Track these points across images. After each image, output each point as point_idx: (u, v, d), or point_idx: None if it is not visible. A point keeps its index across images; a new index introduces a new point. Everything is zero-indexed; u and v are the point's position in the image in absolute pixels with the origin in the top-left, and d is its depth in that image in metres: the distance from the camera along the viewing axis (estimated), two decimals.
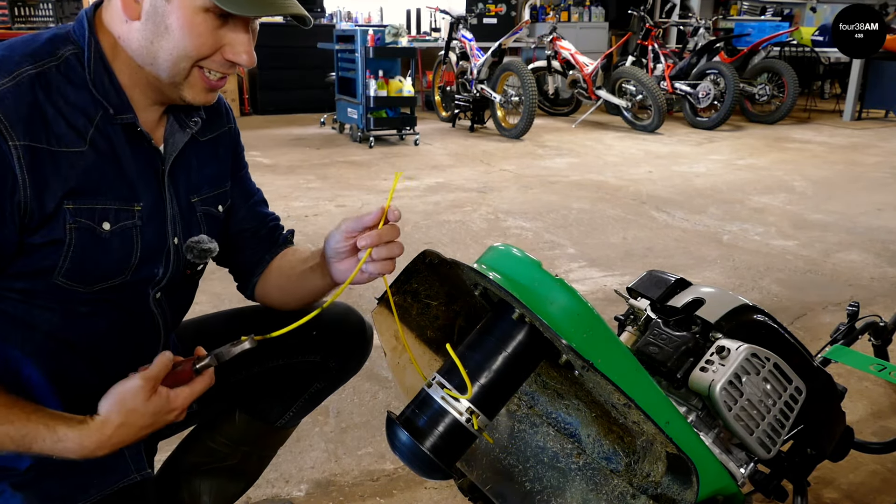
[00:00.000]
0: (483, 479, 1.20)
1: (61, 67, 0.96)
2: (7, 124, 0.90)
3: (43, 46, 0.97)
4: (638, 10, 7.96)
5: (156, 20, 0.96)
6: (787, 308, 2.90)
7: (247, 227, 1.28)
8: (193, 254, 1.14)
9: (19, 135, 0.90)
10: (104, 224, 0.99)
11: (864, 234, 3.97)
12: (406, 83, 6.48)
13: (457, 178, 5.22)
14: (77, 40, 0.99)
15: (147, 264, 1.07)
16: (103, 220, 0.99)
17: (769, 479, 1.18)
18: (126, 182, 1.02)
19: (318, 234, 3.79)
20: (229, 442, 1.40)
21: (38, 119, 0.93)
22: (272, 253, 1.29)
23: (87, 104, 0.98)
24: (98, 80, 0.99)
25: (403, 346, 1.13)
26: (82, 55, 0.98)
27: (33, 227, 0.94)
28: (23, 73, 0.93)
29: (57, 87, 0.95)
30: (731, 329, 1.19)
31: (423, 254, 1.02)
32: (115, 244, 1.01)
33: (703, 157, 6.12)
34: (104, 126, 0.99)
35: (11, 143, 0.90)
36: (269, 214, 1.32)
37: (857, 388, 2.23)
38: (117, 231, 1.01)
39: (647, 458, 1.01)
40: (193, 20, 0.95)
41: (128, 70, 1.01)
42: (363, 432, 2.00)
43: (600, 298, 2.98)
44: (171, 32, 0.96)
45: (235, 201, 1.25)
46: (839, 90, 10.37)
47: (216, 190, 1.19)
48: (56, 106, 0.95)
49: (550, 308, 0.90)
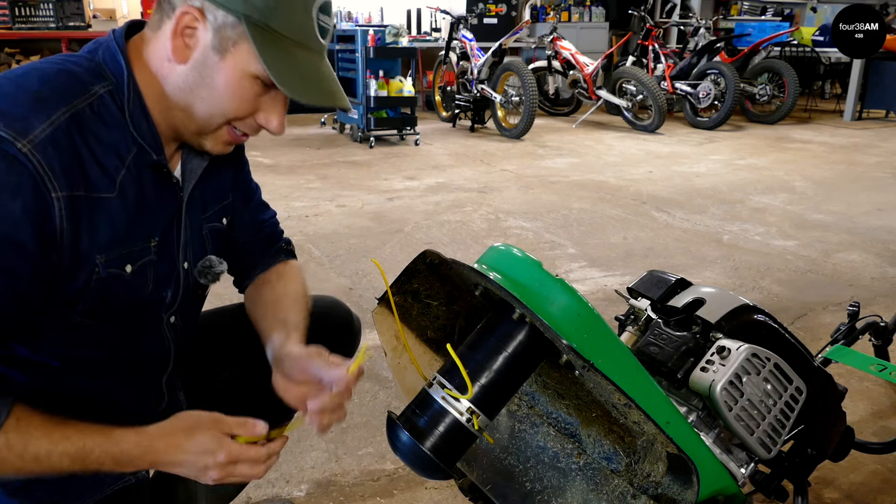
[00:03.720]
0: (483, 479, 1.20)
1: (94, 106, 0.92)
2: (50, 175, 0.85)
3: (75, 83, 0.92)
4: (638, 10, 7.96)
5: (203, 71, 0.93)
6: (787, 308, 2.90)
7: (245, 233, 1.26)
8: (207, 278, 1.13)
9: (62, 185, 0.86)
10: (127, 267, 0.97)
11: (864, 234, 3.97)
12: (406, 83, 6.48)
13: (457, 178, 5.22)
14: (110, 75, 0.94)
15: (157, 290, 1.05)
16: (126, 263, 0.97)
17: (770, 480, 1.18)
18: (149, 221, 1.00)
19: (318, 234, 3.79)
20: None
21: (76, 165, 0.88)
22: (265, 263, 1.28)
23: (120, 144, 0.94)
24: (136, 121, 0.95)
25: (404, 346, 1.13)
26: (117, 92, 0.94)
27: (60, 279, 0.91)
28: (60, 118, 0.87)
29: (91, 128, 0.91)
30: (732, 329, 1.19)
31: (423, 254, 1.02)
32: (133, 281, 0.99)
33: (703, 158, 6.12)
34: (135, 166, 0.95)
35: (55, 194, 0.85)
36: (268, 217, 1.31)
37: (858, 388, 2.23)
38: (137, 270, 0.99)
39: (648, 458, 1.01)
40: (241, 83, 0.93)
41: (158, 107, 0.97)
42: (364, 432, 2.00)
43: (601, 298, 2.98)
44: (215, 88, 0.93)
45: (236, 205, 1.24)
46: (840, 90, 10.36)
47: (220, 203, 1.18)
48: (90, 148, 0.90)
49: (551, 308, 0.90)
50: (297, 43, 0.93)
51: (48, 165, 0.85)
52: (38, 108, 0.86)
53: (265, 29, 0.90)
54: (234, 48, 0.91)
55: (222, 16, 0.89)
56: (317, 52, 0.96)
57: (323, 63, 0.98)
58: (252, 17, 0.89)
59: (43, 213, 0.85)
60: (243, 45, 0.90)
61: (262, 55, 0.89)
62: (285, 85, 0.91)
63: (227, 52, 0.91)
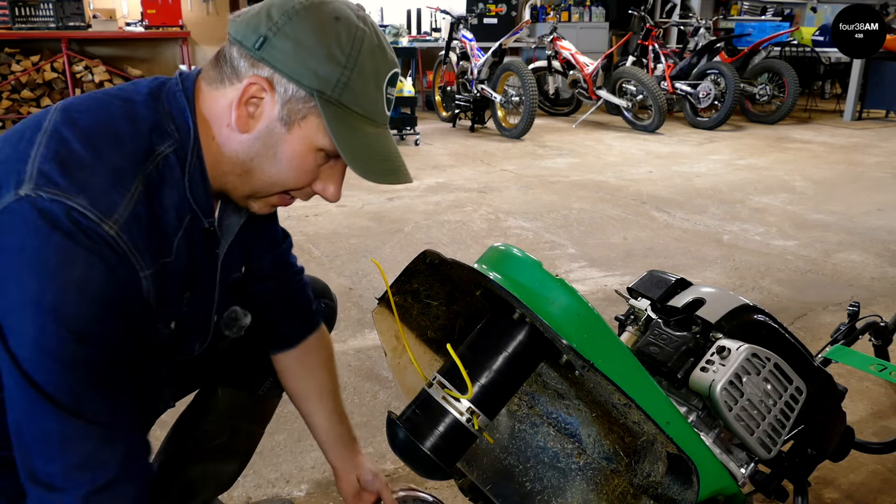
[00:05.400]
0: (483, 479, 1.20)
1: (160, 167, 0.87)
2: (138, 255, 0.82)
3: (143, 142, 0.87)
4: (638, 10, 7.96)
5: (267, 142, 0.89)
6: (787, 308, 2.90)
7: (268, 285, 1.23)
8: (232, 330, 1.13)
9: (147, 263, 0.84)
10: (172, 324, 0.96)
11: (864, 234, 3.97)
12: (406, 83, 6.49)
13: (457, 178, 5.22)
14: (175, 132, 0.89)
15: (189, 342, 1.05)
16: (173, 320, 0.96)
17: (770, 480, 1.18)
18: (192, 279, 0.98)
19: (318, 234, 3.79)
20: (216, 419, 1.39)
21: (154, 237, 0.86)
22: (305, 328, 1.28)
23: (180, 207, 0.90)
24: (194, 186, 0.91)
25: (404, 346, 1.13)
26: (181, 152, 0.89)
27: None
28: (137, 189, 0.84)
29: (157, 193, 0.87)
30: (732, 329, 1.19)
31: (423, 254, 1.02)
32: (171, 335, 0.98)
33: (703, 158, 6.12)
34: (189, 229, 0.93)
35: (142, 273, 0.84)
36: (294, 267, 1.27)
37: (858, 388, 2.23)
38: (178, 325, 0.98)
39: (648, 458, 1.01)
40: (305, 157, 0.90)
41: (213, 169, 0.93)
42: (363, 432, 2.00)
43: (601, 298, 2.98)
44: (278, 160, 0.90)
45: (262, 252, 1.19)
46: (840, 90, 10.36)
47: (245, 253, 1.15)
48: (156, 214, 0.87)
49: (551, 308, 0.90)
50: (366, 119, 0.90)
51: (135, 246, 0.82)
52: (118, 181, 0.82)
53: (336, 105, 0.87)
54: (303, 122, 0.88)
55: (294, 89, 0.86)
56: (383, 126, 0.93)
57: (389, 139, 0.95)
58: (325, 94, 0.86)
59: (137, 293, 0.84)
60: (312, 120, 0.88)
61: (333, 131, 0.86)
62: (355, 162, 0.88)
63: (294, 125, 0.88)
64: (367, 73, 0.88)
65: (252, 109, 0.88)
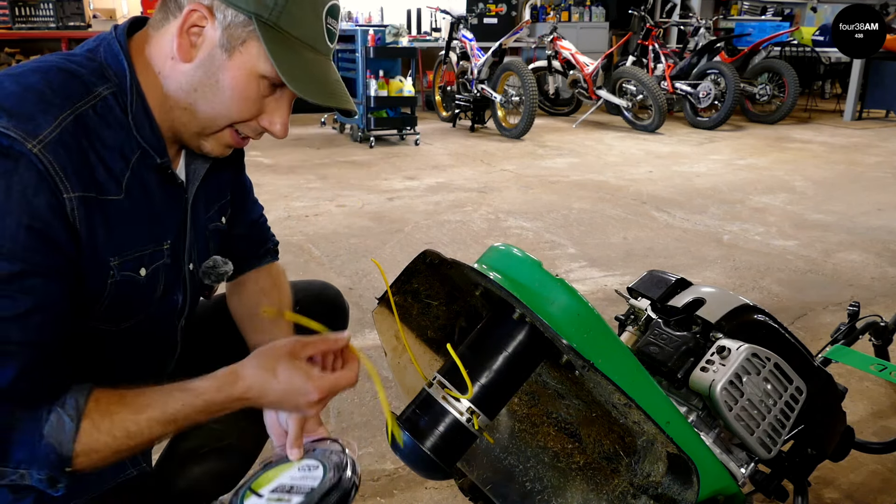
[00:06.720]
0: (483, 479, 1.20)
1: (98, 107, 0.90)
2: (62, 176, 0.83)
3: (77, 84, 0.89)
4: (638, 10, 7.96)
5: (208, 70, 0.91)
6: (787, 308, 2.90)
7: (241, 231, 1.26)
8: (211, 279, 1.13)
9: (73, 186, 0.85)
10: (141, 270, 0.97)
11: (864, 234, 3.97)
12: (406, 83, 6.49)
13: (457, 178, 5.22)
14: (113, 76, 0.92)
15: (168, 294, 1.05)
16: (140, 266, 0.97)
17: (770, 479, 1.18)
18: (158, 223, 0.99)
19: (318, 234, 3.79)
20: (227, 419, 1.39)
21: (85, 167, 0.87)
22: (250, 264, 1.29)
23: (124, 146, 0.92)
24: (139, 123, 0.93)
25: (404, 345, 1.13)
26: (120, 94, 0.92)
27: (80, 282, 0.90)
28: (66, 120, 0.86)
29: (94, 130, 0.89)
30: (732, 329, 1.19)
31: (423, 254, 1.02)
32: (146, 285, 0.99)
33: (703, 157, 6.12)
34: (139, 169, 0.94)
35: (67, 195, 0.84)
36: (258, 216, 1.32)
37: (858, 388, 2.23)
38: (150, 273, 0.99)
39: (648, 458, 1.01)
40: (247, 84, 0.92)
41: (159, 108, 0.95)
42: (363, 432, 2.00)
43: (601, 298, 2.98)
44: (220, 88, 0.92)
45: (235, 203, 1.23)
46: (840, 90, 10.36)
47: (220, 202, 1.18)
48: (95, 151, 0.89)
49: (551, 308, 0.90)
50: (306, 45, 0.93)
51: (59, 166, 0.83)
52: (45, 109, 0.85)
53: (275, 29, 0.89)
54: (243, 47, 0.90)
55: (232, 14, 0.89)
56: (324, 55, 0.96)
57: (330, 66, 0.97)
58: (262, 17, 0.88)
59: (62, 213, 0.84)
60: (252, 45, 0.90)
61: (272, 54, 0.89)
62: (294, 83, 0.90)
63: (235, 50, 0.90)
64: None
65: (194, 39, 0.90)
